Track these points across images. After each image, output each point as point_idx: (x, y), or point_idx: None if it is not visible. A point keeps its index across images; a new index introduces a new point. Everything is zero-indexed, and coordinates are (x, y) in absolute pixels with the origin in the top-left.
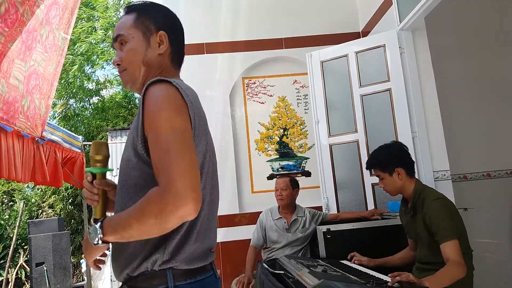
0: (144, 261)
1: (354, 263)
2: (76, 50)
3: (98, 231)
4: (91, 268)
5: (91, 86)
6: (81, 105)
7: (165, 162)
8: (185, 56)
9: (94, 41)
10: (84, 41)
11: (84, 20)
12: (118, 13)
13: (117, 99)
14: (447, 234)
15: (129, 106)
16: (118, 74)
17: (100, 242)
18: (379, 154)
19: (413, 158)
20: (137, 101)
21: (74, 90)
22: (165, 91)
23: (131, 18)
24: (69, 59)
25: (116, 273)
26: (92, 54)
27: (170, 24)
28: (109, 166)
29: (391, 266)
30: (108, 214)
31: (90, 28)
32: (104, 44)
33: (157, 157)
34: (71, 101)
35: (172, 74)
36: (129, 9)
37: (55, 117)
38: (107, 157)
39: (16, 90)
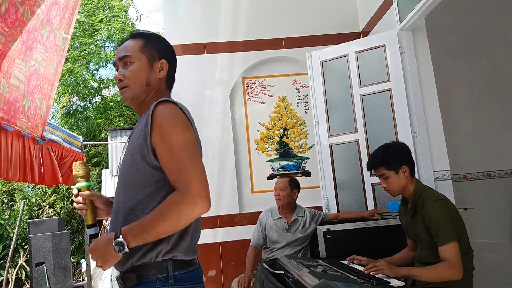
0: (150, 251)
1: (353, 262)
2: (95, 39)
3: (124, 244)
4: (91, 268)
5: (93, 83)
6: (83, 103)
7: (183, 168)
8: (185, 55)
9: (115, 27)
10: (99, 28)
11: (102, 8)
12: (131, 3)
13: (118, 99)
14: (446, 237)
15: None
16: (119, 90)
17: (127, 251)
18: (382, 153)
19: (413, 158)
20: None
21: (80, 88)
22: (173, 110)
23: (139, 44)
24: (90, 48)
25: (120, 263)
26: (111, 41)
27: (170, 55)
28: (109, 165)
29: None
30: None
31: (108, 17)
32: (123, 34)
33: (174, 164)
34: (74, 98)
35: (167, 96)
36: (137, 35)
37: (58, 112)
38: (87, 173)
39: (17, 90)
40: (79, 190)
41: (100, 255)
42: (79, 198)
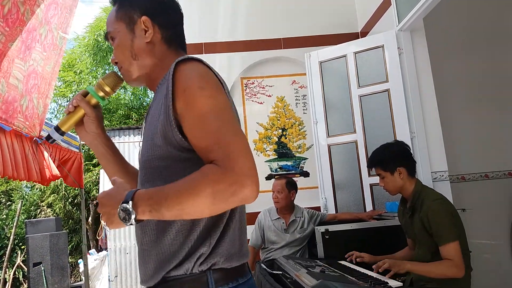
0: (188, 259)
1: (356, 260)
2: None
3: (131, 212)
4: (89, 268)
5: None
6: None
7: (221, 139)
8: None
9: None
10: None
11: None
12: None
13: (123, 101)
14: (447, 236)
15: (135, 106)
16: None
17: (134, 223)
18: (381, 153)
19: None
20: (146, 101)
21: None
22: (199, 69)
23: (114, 11)
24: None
25: (146, 274)
26: None
27: (156, 6)
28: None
29: None
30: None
31: None
32: None
33: (207, 135)
34: None
35: (175, 58)
36: (113, 0)
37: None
38: (110, 94)
39: (16, 90)
40: (86, 94)
41: (106, 213)
42: (77, 100)
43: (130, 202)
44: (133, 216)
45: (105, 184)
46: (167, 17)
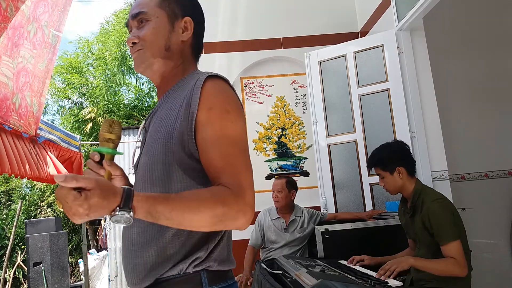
0: (182, 261)
1: (356, 264)
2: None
3: (130, 220)
4: (89, 268)
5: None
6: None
7: (234, 166)
8: None
9: None
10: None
11: None
12: None
13: (124, 102)
14: (448, 236)
15: (137, 106)
16: (131, 54)
17: (132, 220)
18: (380, 152)
19: None
20: (148, 102)
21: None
22: (227, 91)
23: None
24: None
25: (139, 274)
26: None
27: (196, 12)
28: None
29: None
30: None
31: None
32: None
33: (221, 158)
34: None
35: (192, 67)
36: None
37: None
38: (119, 138)
39: (6, 87)
40: (102, 155)
41: (96, 202)
42: (100, 168)
43: (132, 212)
44: (130, 214)
45: None
46: (201, 26)
